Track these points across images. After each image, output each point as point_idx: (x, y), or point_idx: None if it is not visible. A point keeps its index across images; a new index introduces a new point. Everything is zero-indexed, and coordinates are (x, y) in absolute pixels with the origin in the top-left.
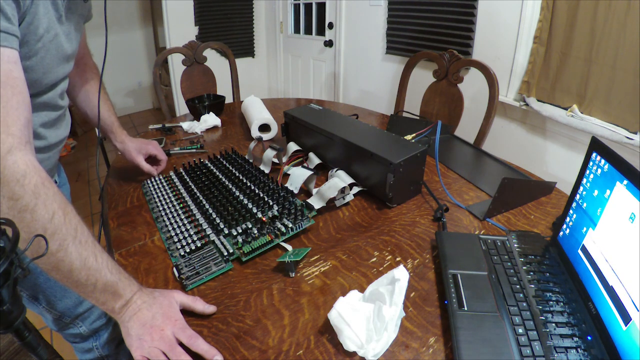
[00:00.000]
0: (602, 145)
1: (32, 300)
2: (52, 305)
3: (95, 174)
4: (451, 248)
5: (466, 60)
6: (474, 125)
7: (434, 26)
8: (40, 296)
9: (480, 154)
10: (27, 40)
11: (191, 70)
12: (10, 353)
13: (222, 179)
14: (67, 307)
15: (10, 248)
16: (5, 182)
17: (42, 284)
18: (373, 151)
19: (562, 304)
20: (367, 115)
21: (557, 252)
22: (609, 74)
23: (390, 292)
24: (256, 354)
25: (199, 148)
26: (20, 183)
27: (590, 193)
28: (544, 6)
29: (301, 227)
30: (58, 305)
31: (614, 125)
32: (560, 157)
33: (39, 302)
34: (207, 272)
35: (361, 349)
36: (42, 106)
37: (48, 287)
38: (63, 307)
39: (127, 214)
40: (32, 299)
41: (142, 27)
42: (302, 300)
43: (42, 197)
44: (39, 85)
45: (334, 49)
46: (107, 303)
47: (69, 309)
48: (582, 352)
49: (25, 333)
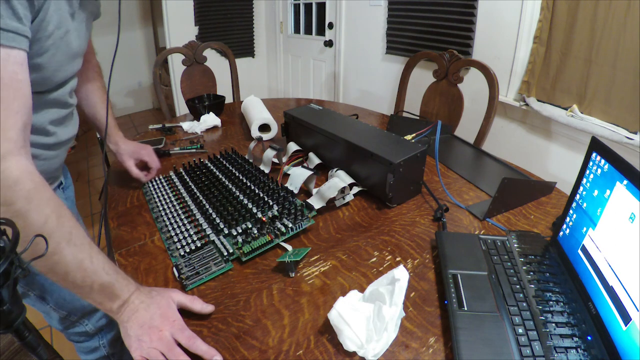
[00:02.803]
0: (602, 145)
1: (40, 299)
2: (60, 305)
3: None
4: (451, 248)
5: (466, 60)
6: (474, 125)
7: (434, 26)
8: (48, 296)
9: (480, 154)
10: (39, 38)
11: (191, 70)
12: (10, 353)
13: (222, 179)
14: (75, 305)
15: (10, 248)
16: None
17: (51, 283)
18: (373, 151)
19: (562, 304)
20: (367, 115)
21: (557, 252)
22: (609, 74)
23: (390, 292)
24: (256, 354)
25: (199, 148)
26: (12, 189)
27: (590, 193)
28: (544, 6)
29: (301, 227)
30: (66, 304)
31: (614, 125)
32: (560, 157)
33: (47, 301)
34: (207, 272)
35: (361, 349)
36: (51, 103)
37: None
38: (71, 305)
39: (127, 214)
40: (40, 298)
41: (142, 27)
42: (302, 300)
43: (35, 202)
44: (49, 83)
45: (334, 49)
46: (104, 304)
47: (76, 308)
48: (582, 352)
49: (25, 333)
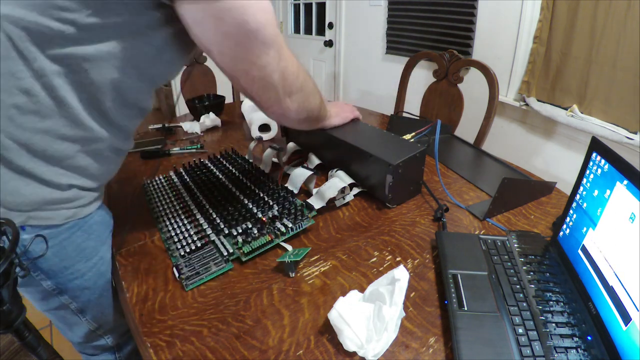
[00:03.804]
0: (602, 145)
1: (77, 313)
2: (97, 318)
3: None
4: (451, 248)
5: (466, 60)
6: (474, 125)
7: (434, 26)
8: (88, 310)
9: (480, 154)
10: None
11: (191, 70)
12: (10, 353)
13: (222, 179)
14: (108, 319)
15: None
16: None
17: (97, 297)
18: (371, 152)
19: (562, 304)
20: (367, 115)
21: (557, 252)
22: (609, 74)
23: (390, 292)
24: (256, 353)
25: (199, 148)
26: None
27: (590, 193)
28: (544, 6)
29: (301, 227)
30: (103, 317)
31: (614, 125)
32: (560, 157)
33: (84, 314)
34: (207, 272)
35: (361, 349)
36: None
37: (99, 303)
38: (105, 319)
39: (127, 214)
40: (78, 311)
41: None
42: (302, 300)
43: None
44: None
45: (334, 49)
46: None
47: (108, 322)
48: (582, 352)
49: (25, 333)
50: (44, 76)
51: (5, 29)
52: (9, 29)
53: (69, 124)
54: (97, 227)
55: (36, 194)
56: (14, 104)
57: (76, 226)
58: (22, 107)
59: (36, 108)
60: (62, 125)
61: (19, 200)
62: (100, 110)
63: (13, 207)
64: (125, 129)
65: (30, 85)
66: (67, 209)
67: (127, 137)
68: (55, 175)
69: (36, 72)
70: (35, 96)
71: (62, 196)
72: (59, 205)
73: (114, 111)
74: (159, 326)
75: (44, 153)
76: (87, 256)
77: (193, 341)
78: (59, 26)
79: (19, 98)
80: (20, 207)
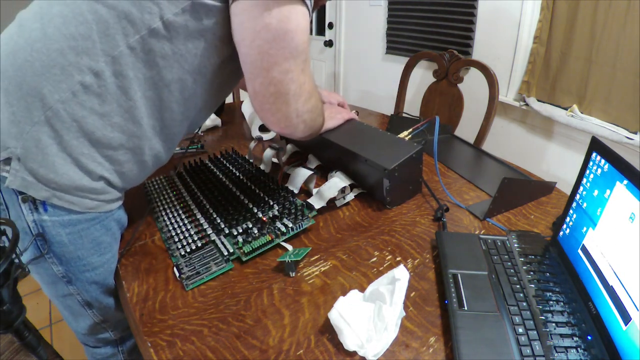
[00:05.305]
0: (602, 145)
1: (84, 305)
2: (103, 312)
3: None
4: (451, 248)
5: (466, 60)
6: (474, 125)
7: (434, 26)
8: (95, 304)
9: (480, 154)
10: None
11: None
12: (10, 353)
13: (222, 178)
14: (114, 313)
15: (10, 248)
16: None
17: (101, 295)
18: (366, 156)
19: (562, 304)
20: (367, 115)
21: (557, 252)
22: (609, 74)
23: (390, 291)
24: (256, 353)
25: (199, 148)
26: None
27: (590, 193)
28: (544, 6)
29: (301, 227)
30: (108, 310)
31: (614, 125)
32: (560, 157)
33: (91, 308)
34: (208, 272)
35: (361, 348)
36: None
37: (105, 299)
38: (110, 313)
39: (127, 214)
40: (85, 304)
41: None
42: (303, 300)
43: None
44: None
45: (334, 49)
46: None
47: (113, 316)
48: (582, 351)
49: (25, 333)
50: (119, 65)
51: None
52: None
53: (125, 115)
54: (115, 225)
55: (68, 176)
56: (81, 81)
57: (97, 219)
58: (88, 87)
59: (100, 92)
60: (118, 115)
61: (51, 176)
62: (160, 111)
63: (44, 181)
64: (172, 137)
65: (102, 69)
66: (90, 200)
67: (169, 147)
68: (92, 161)
69: (113, 59)
70: (103, 80)
71: (90, 185)
72: (85, 193)
73: (171, 114)
74: (160, 326)
75: (92, 135)
76: (101, 251)
77: (193, 341)
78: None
79: (88, 78)
80: (50, 184)
